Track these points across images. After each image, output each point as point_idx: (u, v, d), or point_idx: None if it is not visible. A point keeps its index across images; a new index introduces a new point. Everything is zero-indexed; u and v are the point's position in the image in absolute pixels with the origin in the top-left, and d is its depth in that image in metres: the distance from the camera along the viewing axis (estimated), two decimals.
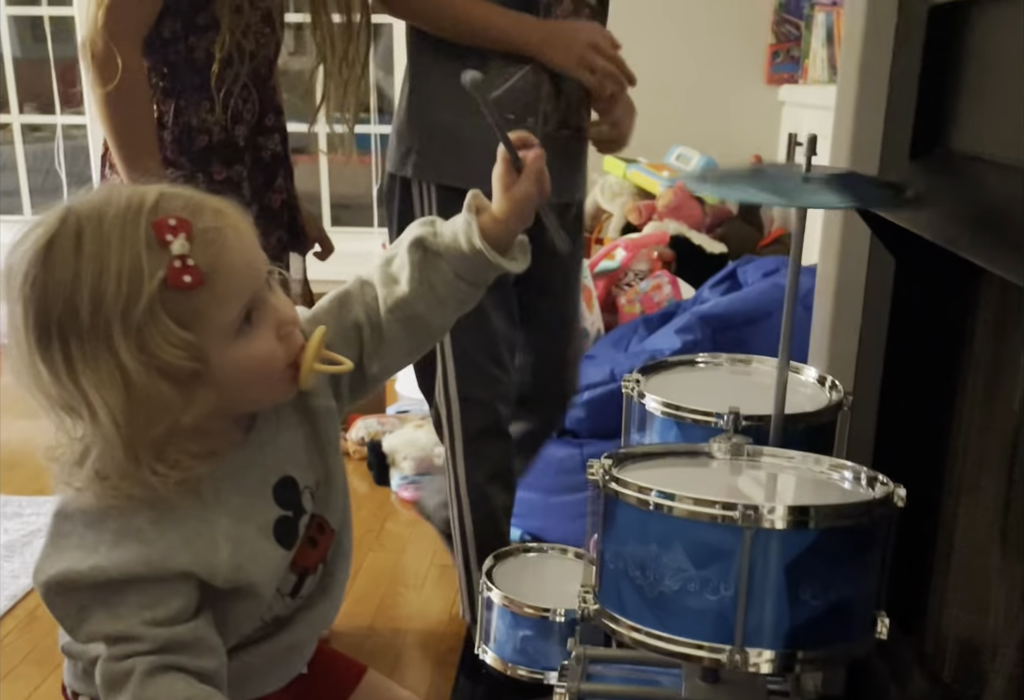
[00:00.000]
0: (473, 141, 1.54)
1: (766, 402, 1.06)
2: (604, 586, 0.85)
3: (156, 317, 0.74)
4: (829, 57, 2.86)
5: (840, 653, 0.80)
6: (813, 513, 0.76)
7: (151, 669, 0.76)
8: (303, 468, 0.89)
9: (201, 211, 0.78)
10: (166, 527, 0.78)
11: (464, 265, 0.88)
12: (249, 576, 0.81)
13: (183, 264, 0.74)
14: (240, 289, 0.78)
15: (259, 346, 0.79)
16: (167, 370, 0.74)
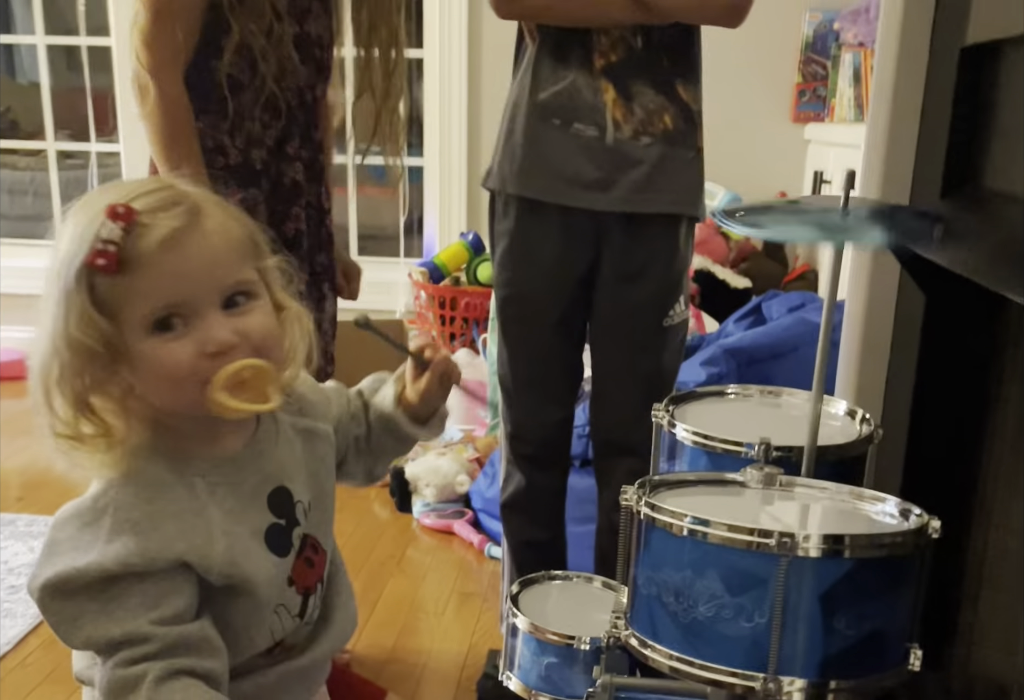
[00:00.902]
0: (524, 150, 1.59)
1: (796, 433, 1.07)
2: (636, 611, 0.86)
3: (79, 291, 0.77)
4: (856, 96, 2.89)
5: (872, 684, 0.80)
6: (848, 542, 0.76)
7: (163, 675, 0.77)
8: (298, 483, 0.91)
9: (171, 208, 0.79)
10: (162, 519, 0.79)
11: (386, 422, 1.00)
12: (244, 572, 0.82)
13: (103, 248, 0.76)
14: (160, 291, 0.78)
15: (169, 353, 0.79)
16: (75, 342, 0.78)
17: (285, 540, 0.88)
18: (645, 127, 1.52)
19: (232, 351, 0.80)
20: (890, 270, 1.41)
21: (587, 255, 1.58)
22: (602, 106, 1.51)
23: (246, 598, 0.84)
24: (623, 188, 1.53)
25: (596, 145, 1.53)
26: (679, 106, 1.52)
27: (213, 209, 0.82)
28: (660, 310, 1.60)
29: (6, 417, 3.18)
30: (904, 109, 1.37)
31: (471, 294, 3.08)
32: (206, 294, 0.80)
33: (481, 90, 3.39)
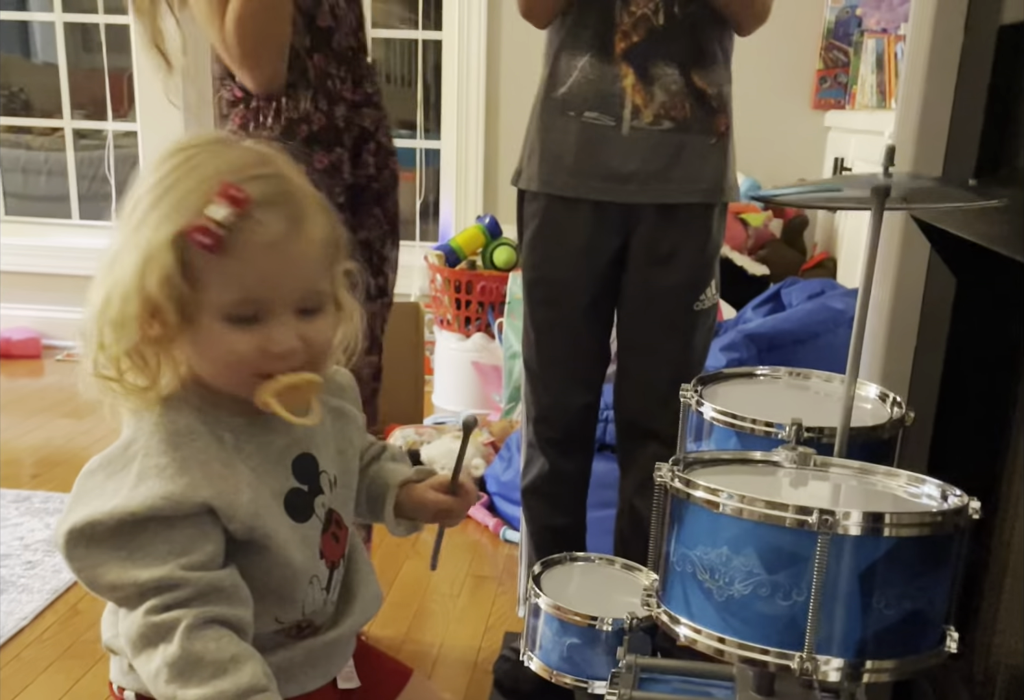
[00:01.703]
0: (542, 146, 1.58)
1: (825, 415, 1.06)
2: (669, 589, 0.85)
3: (169, 252, 0.77)
4: (879, 83, 2.86)
5: (909, 665, 0.79)
6: (889, 520, 0.75)
7: (197, 622, 0.77)
8: (325, 455, 0.91)
9: (281, 205, 0.80)
10: (190, 466, 0.80)
11: (378, 487, 1.01)
12: (265, 527, 0.82)
13: (208, 227, 0.77)
14: (248, 284, 0.79)
15: (234, 342, 0.80)
16: (150, 298, 0.78)
17: (306, 506, 0.88)
18: (667, 111, 1.50)
19: (293, 356, 0.82)
20: (919, 253, 1.39)
21: (617, 239, 1.57)
22: (620, 92, 1.49)
23: (267, 557, 0.83)
24: (647, 179, 1.52)
25: (612, 135, 1.51)
26: (696, 94, 1.50)
27: (314, 213, 0.83)
28: (691, 294, 1.59)
29: (21, 395, 3.19)
30: (937, 89, 1.36)
31: (487, 278, 3.06)
32: (287, 297, 0.81)
33: (499, 73, 3.37)
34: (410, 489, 1.01)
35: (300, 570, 0.86)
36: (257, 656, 0.80)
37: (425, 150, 3.66)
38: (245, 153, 0.83)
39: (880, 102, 2.84)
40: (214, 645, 0.77)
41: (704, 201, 1.55)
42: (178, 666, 0.76)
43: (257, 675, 0.78)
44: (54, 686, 1.67)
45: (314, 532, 0.89)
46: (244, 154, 0.82)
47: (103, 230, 3.75)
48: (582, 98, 1.52)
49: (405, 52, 4.01)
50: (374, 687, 1.02)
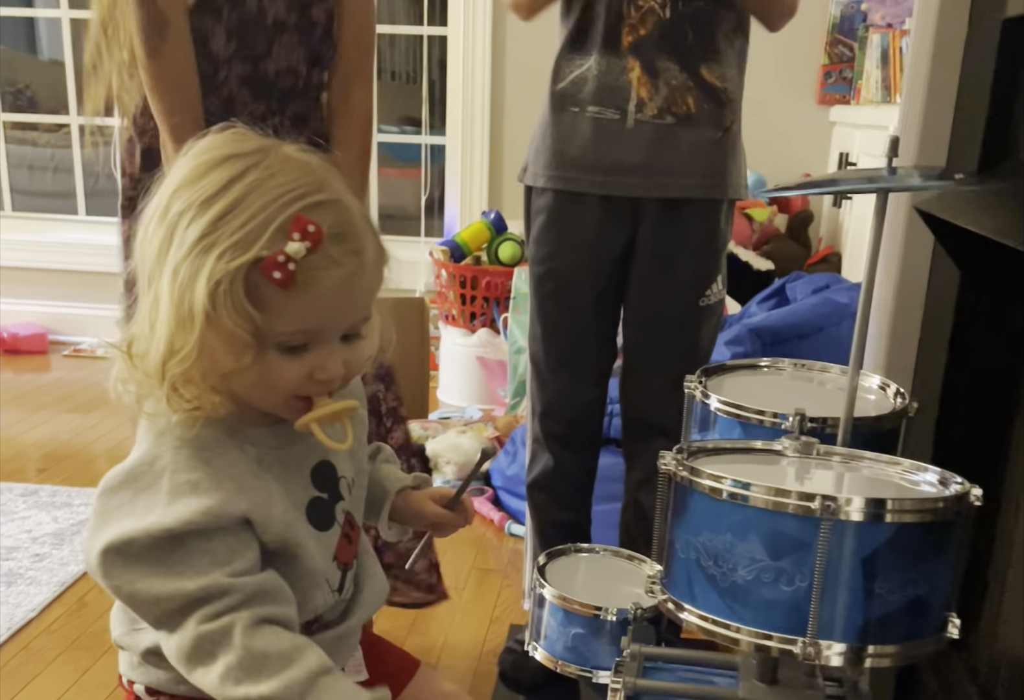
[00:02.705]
0: (546, 142, 1.58)
1: (829, 406, 1.07)
2: (673, 576, 0.86)
3: (237, 282, 0.75)
4: (884, 78, 2.86)
5: (911, 650, 0.79)
6: (891, 506, 0.76)
7: (251, 623, 0.77)
8: (342, 459, 0.91)
9: (343, 241, 0.78)
10: (222, 479, 0.79)
11: (376, 491, 1.01)
12: (297, 537, 0.83)
13: (285, 262, 0.75)
14: (311, 318, 0.78)
15: (283, 370, 0.79)
16: (223, 328, 0.76)
17: (327, 514, 0.88)
18: (669, 105, 1.50)
19: (336, 381, 0.82)
20: (923, 245, 1.40)
21: (624, 234, 1.57)
22: (626, 85, 1.50)
23: (296, 567, 0.84)
24: (649, 172, 1.52)
25: (616, 128, 1.52)
26: (703, 87, 1.51)
27: (369, 239, 0.81)
28: (697, 289, 1.59)
29: (27, 390, 3.20)
30: (941, 82, 1.36)
31: (492, 273, 3.07)
32: (341, 327, 0.81)
33: (505, 69, 3.38)
34: (407, 496, 1.01)
35: (320, 574, 0.87)
36: (313, 645, 0.80)
37: (430, 146, 3.67)
38: (301, 172, 0.79)
39: (885, 97, 2.84)
40: (274, 638, 0.78)
41: (707, 196, 1.54)
42: (245, 666, 0.76)
43: (323, 658, 0.79)
44: (62, 677, 1.68)
45: (334, 539, 0.89)
46: (301, 174, 0.79)
47: (109, 226, 3.76)
48: (587, 93, 1.52)
49: (410, 48, 4.02)
50: (381, 679, 1.01)
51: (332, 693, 0.77)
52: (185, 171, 0.79)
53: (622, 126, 1.51)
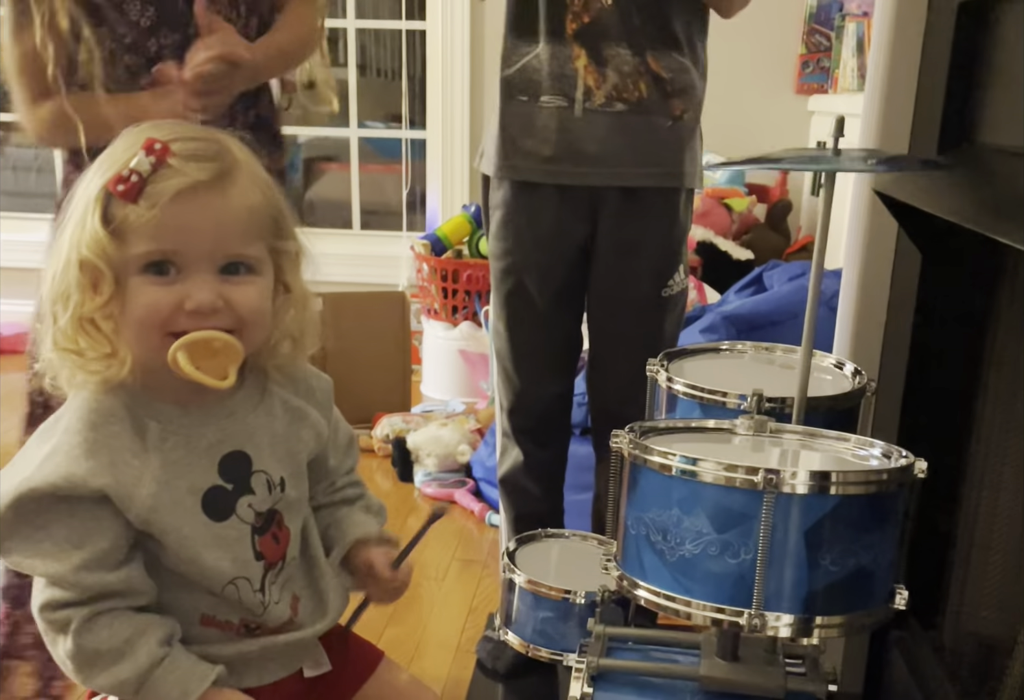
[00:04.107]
0: (499, 131, 1.58)
1: (789, 387, 1.08)
2: (625, 553, 0.87)
3: (94, 210, 0.80)
4: (859, 66, 2.87)
5: (858, 620, 0.81)
6: (835, 478, 0.77)
7: (86, 620, 0.80)
8: (267, 455, 0.89)
9: (205, 161, 0.81)
10: (98, 449, 0.81)
11: (335, 531, 0.99)
12: (164, 523, 0.82)
13: (129, 176, 0.79)
14: (167, 235, 0.80)
15: (150, 296, 0.81)
16: (85, 260, 0.79)
17: (225, 505, 0.86)
18: (619, 92, 1.49)
19: (213, 315, 0.81)
20: (887, 230, 1.41)
21: (584, 227, 1.57)
22: (572, 74, 1.48)
23: (168, 554, 0.84)
24: (602, 161, 1.51)
25: (565, 116, 1.50)
26: (651, 75, 1.50)
27: (245, 177, 0.83)
28: (659, 280, 1.59)
29: (11, 390, 3.20)
30: (902, 68, 1.37)
31: (473, 266, 3.08)
32: (205, 254, 0.81)
33: (484, 62, 3.38)
34: (362, 548, 0.99)
35: (212, 569, 0.85)
36: (154, 626, 0.82)
37: (411, 140, 3.67)
38: (193, 129, 0.84)
39: (861, 85, 2.85)
40: (106, 633, 0.81)
41: (663, 185, 1.54)
42: (77, 660, 0.81)
43: (152, 651, 0.81)
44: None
45: (234, 532, 0.87)
46: (191, 130, 0.84)
47: None
48: (536, 82, 1.51)
49: (393, 44, 4.02)
50: (344, 670, 1.01)
51: (166, 684, 0.81)
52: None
53: (570, 114, 1.50)
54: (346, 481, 1.02)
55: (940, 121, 1.28)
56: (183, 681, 0.82)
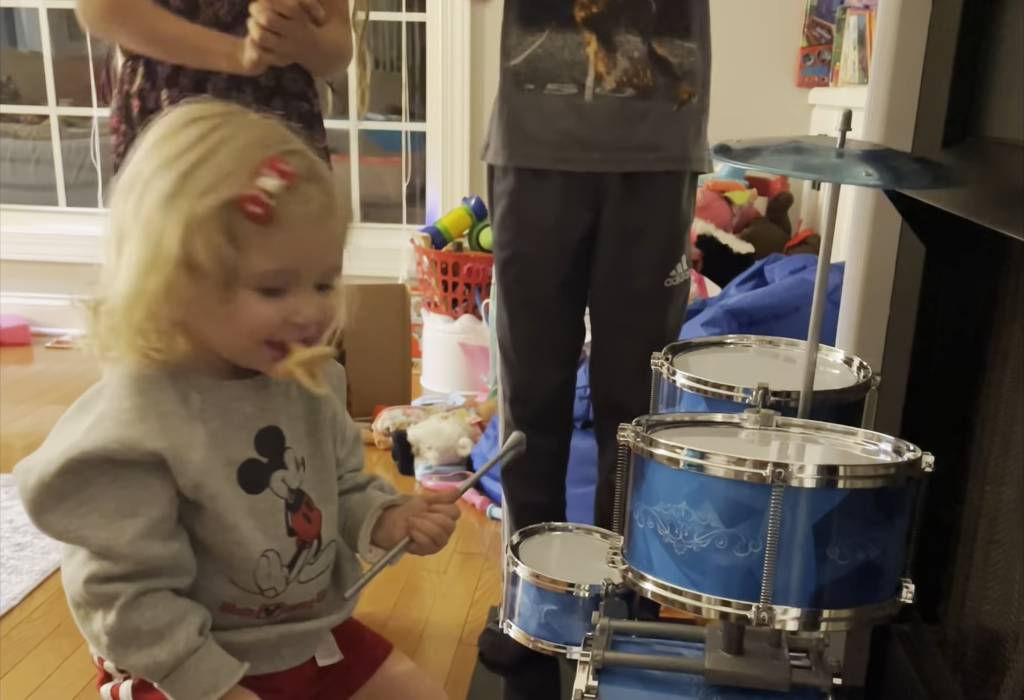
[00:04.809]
0: (506, 121, 1.58)
1: (793, 381, 1.08)
2: (632, 546, 0.87)
3: (213, 221, 0.78)
4: (860, 59, 2.86)
5: (865, 614, 0.81)
6: (843, 472, 0.77)
7: (134, 596, 0.81)
8: (294, 434, 0.91)
9: (317, 181, 0.82)
10: (149, 413, 0.81)
11: (354, 513, 1.00)
12: (212, 489, 0.83)
13: (261, 198, 0.78)
14: (287, 255, 0.81)
15: (260, 312, 0.82)
16: (195, 270, 0.79)
17: (260, 478, 0.88)
18: (629, 78, 1.49)
19: (310, 327, 0.84)
20: (891, 223, 1.40)
21: (587, 215, 1.57)
22: (583, 60, 1.49)
23: (210, 519, 0.84)
24: (609, 147, 1.52)
25: (575, 103, 1.51)
26: (659, 60, 1.50)
27: (339, 191, 0.85)
28: (662, 270, 1.59)
29: (10, 382, 3.20)
30: (907, 61, 1.36)
31: (473, 259, 3.07)
32: (314, 271, 0.84)
33: (484, 54, 3.37)
34: (393, 510, 1.00)
35: (248, 539, 0.86)
36: (192, 614, 0.83)
37: (411, 133, 3.66)
38: (268, 126, 0.84)
39: (862, 78, 2.84)
40: (150, 614, 0.81)
41: (667, 169, 1.54)
42: (116, 636, 0.81)
43: (191, 638, 0.82)
44: (44, 663, 1.69)
45: (269, 506, 0.88)
46: (268, 128, 0.84)
47: (91, 217, 3.75)
48: (541, 70, 1.51)
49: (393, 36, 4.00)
50: (354, 662, 1.02)
51: (198, 673, 0.82)
52: (154, 137, 0.83)
53: (580, 101, 1.51)
54: (352, 475, 1.03)
55: (945, 114, 1.27)
56: (214, 673, 0.83)
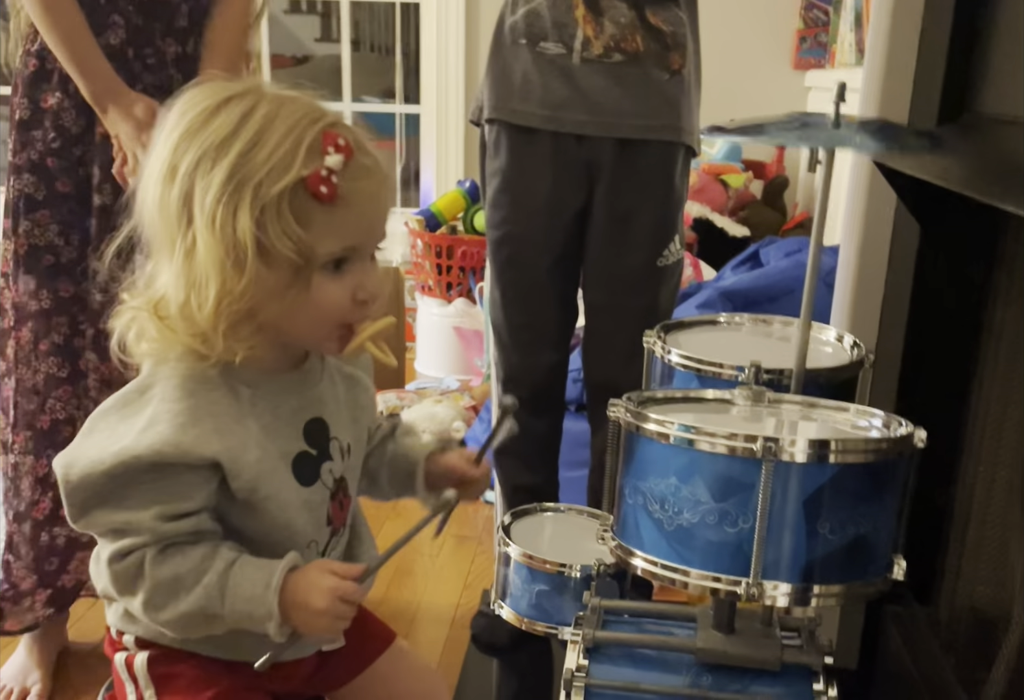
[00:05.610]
0: (496, 74, 1.56)
1: (787, 359, 1.07)
2: (622, 522, 0.86)
3: (282, 205, 0.75)
4: (857, 41, 2.85)
5: (856, 590, 0.80)
6: (834, 447, 0.76)
7: (158, 553, 0.79)
8: (338, 422, 0.91)
9: (366, 152, 0.80)
10: (202, 416, 0.79)
11: (403, 464, 1.00)
12: (268, 488, 0.82)
13: (328, 176, 0.76)
14: (352, 232, 0.79)
15: (331, 293, 0.80)
16: (273, 257, 0.76)
17: (312, 471, 0.87)
18: (617, 43, 1.48)
19: (375, 301, 0.83)
20: (886, 203, 1.39)
21: (580, 193, 1.56)
22: (572, 23, 1.48)
23: (263, 519, 0.83)
24: (599, 111, 1.50)
25: (563, 64, 1.50)
26: (649, 28, 1.49)
27: (376, 157, 0.82)
28: (655, 249, 1.58)
29: None
30: (903, 36, 1.35)
31: (468, 243, 3.06)
32: (373, 242, 0.82)
33: (479, 36, 3.35)
34: (435, 460, 1.00)
35: (300, 532, 0.86)
36: (221, 544, 0.82)
37: (405, 116, 3.64)
38: (301, 98, 0.81)
39: (859, 60, 2.83)
40: (180, 557, 0.79)
41: (660, 138, 1.52)
42: (163, 592, 0.79)
43: (225, 555, 0.81)
44: None
45: (318, 498, 0.88)
46: (303, 100, 0.80)
47: None
48: (536, 27, 1.50)
49: (383, 17, 3.98)
50: (355, 649, 1.02)
51: (247, 578, 0.80)
52: (184, 124, 0.78)
53: (568, 62, 1.50)
54: (383, 432, 1.04)
55: (941, 91, 1.26)
56: (262, 568, 0.81)
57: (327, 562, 0.84)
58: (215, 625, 0.82)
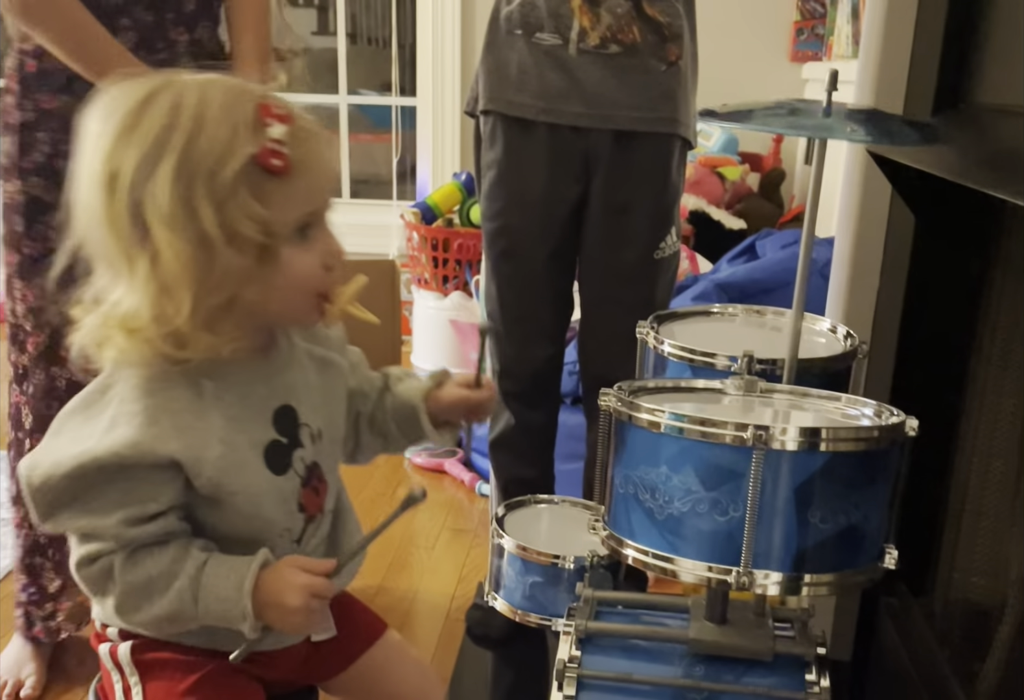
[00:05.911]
0: (492, 65, 1.55)
1: (780, 349, 1.06)
2: (613, 512, 0.86)
3: (239, 188, 0.74)
4: (854, 33, 2.83)
5: (847, 578, 0.80)
6: (825, 435, 0.76)
7: (127, 558, 0.79)
8: (308, 407, 0.89)
9: (300, 116, 0.79)
10: (161, 415, 0.78)
11: (405, 410, 0.98)
12: (233, 483, 0.81)
13: (276, 148, 0.75)
14: (311, 196, 0.79)
15: (302, 263, 0.79)
16: (241, 242, 0.75)
17: (283, 459, 0.87)
18: (614, 34, 1.47)
19: (341, 261, 0.82)
20: (881, 194, 1.39)
21: (576, 186, 1.55)
22: (568, 13, 1.47)
23: (233, 513, 0.83)
24: (595, 102, 1.50)
25: (559, 55, 1.49)
26: (647, 19, 1.48)
27: (311, 119, 0.81)
28: (652, 242, 1.58)
29: None
30: (898, 27, 1.35)
31: (464, 235, 3.05)
32: (329, 203, 0.81)
33: (475, 28, 3.33)
34: (436, 396, 0.99)
35: (271, 522, 0.86)
36: (190, 544, 0.81)
37: (401, 109, 3.63)
38: (222, 78, 0.79)
39: (855, 52, 2.81)
40: (151, 561, 0.79)
41: (657, 130, 1.51)
42: (136, 595, 0.80)
43: (196, 556, 0.81)
44: None
45: (291, 485, 0.87)
46: (224, 79, 0.79)
47: None
48: (532, 17, 1.49)
49: (380, 10, 3.97)
50: (347, 638, 1.01)
51: (218, 577, 0.80)
52: (112, 129, 0.75)
53: (564, 53, 1.49)
54: (374, 386, 1.03)
55: (935, 81, 1.26)
56: (235, 568, 0.81)
57: (298, 558, 0.84)
58: (189, 625, 0.83)
